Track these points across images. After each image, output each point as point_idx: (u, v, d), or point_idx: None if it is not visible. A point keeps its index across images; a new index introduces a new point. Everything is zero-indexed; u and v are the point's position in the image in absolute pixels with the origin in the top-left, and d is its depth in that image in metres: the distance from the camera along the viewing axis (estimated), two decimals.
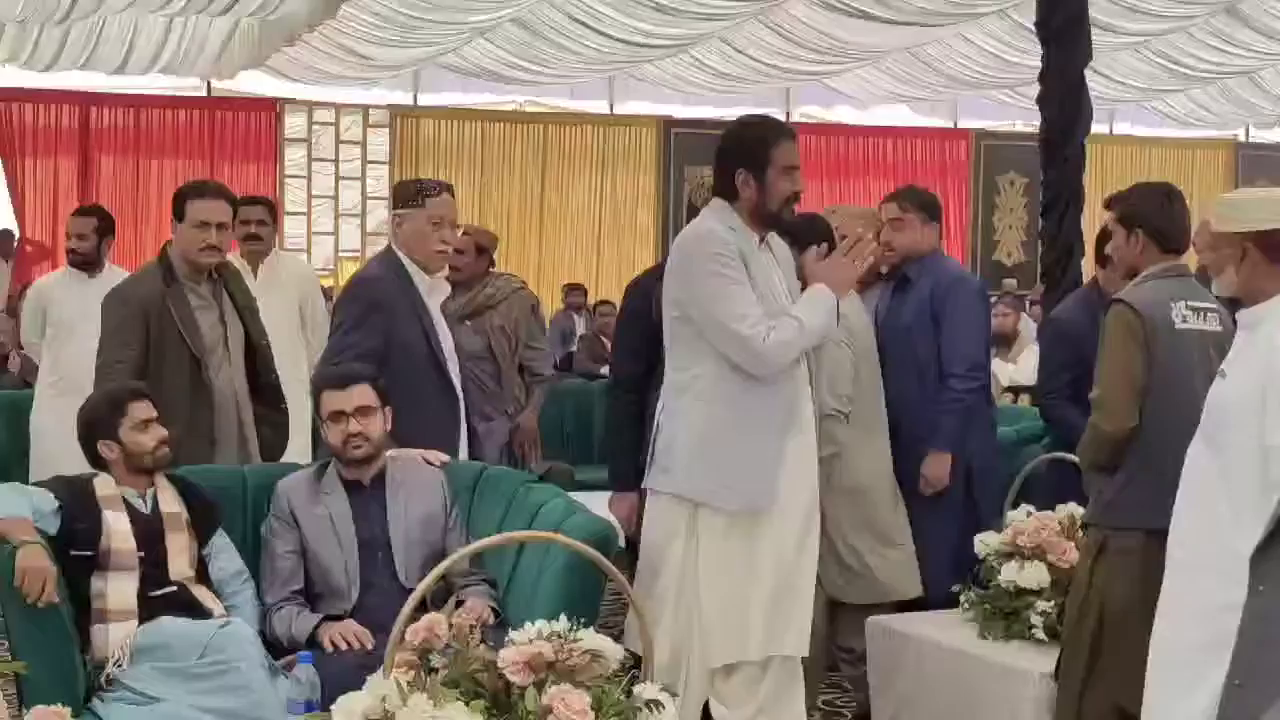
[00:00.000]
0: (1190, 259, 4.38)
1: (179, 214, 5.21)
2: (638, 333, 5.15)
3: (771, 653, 4.36)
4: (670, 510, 4.38)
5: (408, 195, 5.17)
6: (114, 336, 5.10)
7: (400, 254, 5.10)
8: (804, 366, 4.46)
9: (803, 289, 4.47)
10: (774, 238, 4.52)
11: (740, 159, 4.37)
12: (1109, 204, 4.69)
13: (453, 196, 5.22)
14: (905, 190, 5.81)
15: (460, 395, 5.14)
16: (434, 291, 5.15)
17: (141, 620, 4.00)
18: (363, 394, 4.47)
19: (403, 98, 17.28)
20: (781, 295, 4.40)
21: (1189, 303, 4.21)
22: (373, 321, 4.94)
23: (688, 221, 5.28)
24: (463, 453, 5.07)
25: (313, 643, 4.12)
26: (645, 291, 5.14)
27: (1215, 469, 3.66)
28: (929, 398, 5.40)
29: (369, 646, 4.05)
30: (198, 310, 5.14)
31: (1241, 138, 19.49)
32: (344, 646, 4.09)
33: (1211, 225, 3.79)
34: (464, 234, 6.61)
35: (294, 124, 17.12)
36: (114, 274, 6.54)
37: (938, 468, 5.35)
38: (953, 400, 5.37)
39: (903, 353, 5.44)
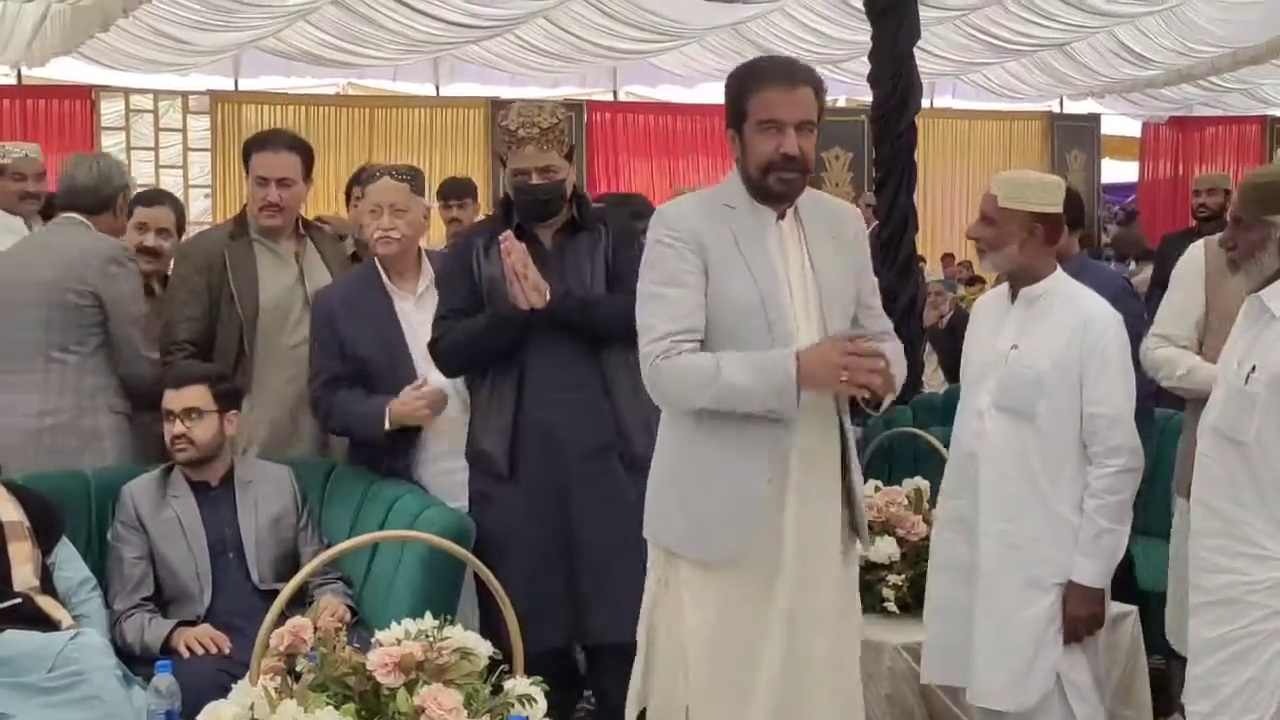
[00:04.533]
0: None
1: (246, 167, 4.90)
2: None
3: None
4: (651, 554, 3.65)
5: (360, 185, 4.81)
6: (175, 294, 4.88)
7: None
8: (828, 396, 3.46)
9: None
10: (826, 211, 3.57)
11: (728, 114, 3.48)
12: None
13: (397, 179, 4.68)
14: None
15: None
16: (403, 283, 4.70)
17: None
18: (193, 395, 4.37)
19: (223, 83, 16.96)
20: (790, 288, 3.45)
21: None
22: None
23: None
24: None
25: (167, 650, 4.04)
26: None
27: (1024, 439, 3.83)
28: None
29: (226, 650, 3.99)
30: (267, 268, 4.84)
31: (1056, 109, 19.96)
32: (200, 651, 4.01)
33: (999, 201, 3.89)
34: (321, 222, 6.49)
35: (110, 111, 16.72)
36: None
37: None
38: None
39: None
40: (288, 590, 2.93)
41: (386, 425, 4.48)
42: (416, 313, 4.62)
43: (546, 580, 4.16)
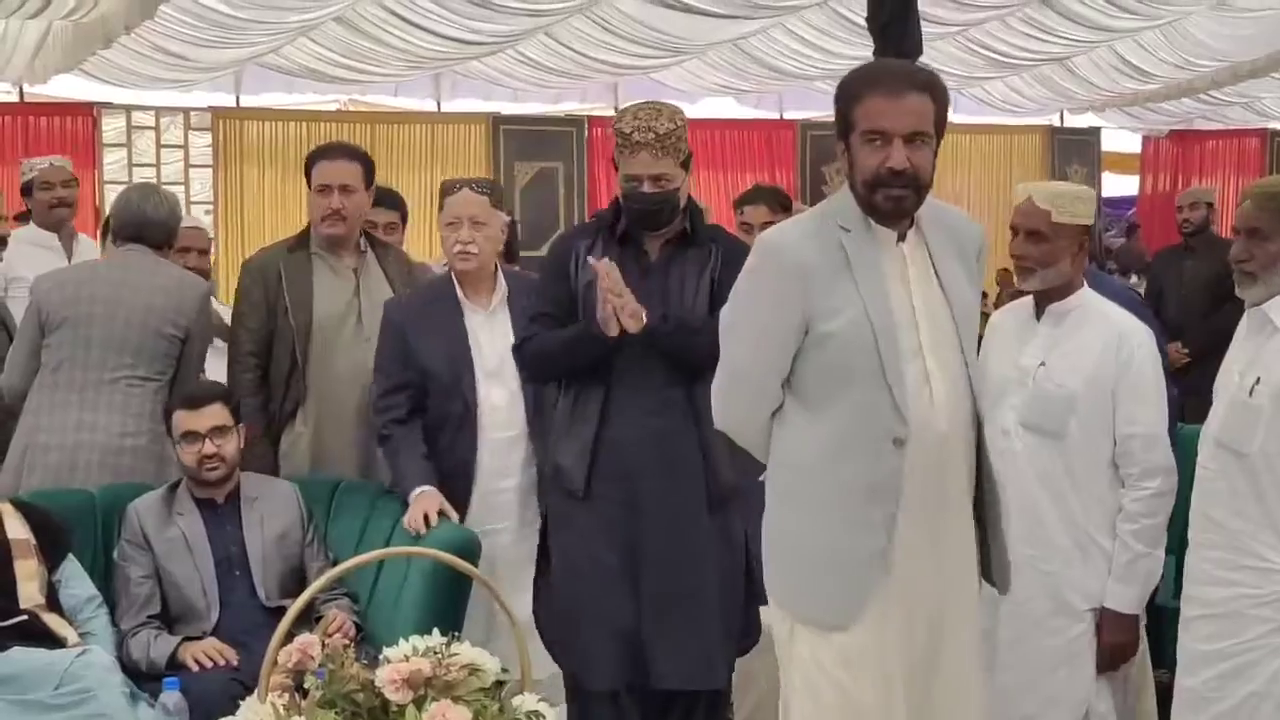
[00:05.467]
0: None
1: (308, 180, 4.90)
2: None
3: None
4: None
5: (440, 197, 4.68)
6: (237, 306, 4.93)
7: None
8: (912, 448, 3.06)
9: None
10: (948, 225, 3.23)
11: (836, 124, 3.16)
12: None
13: (477, 192, 4.60)
14: (769, 191, 5.84)
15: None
16: (476, 297, 4.60)
17: None
18: (216, 414, 4.38)
19: (225, 99, 16.95)
20: (916, 318, 3.11)
21: None
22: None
23: (510, 217, 5.12)
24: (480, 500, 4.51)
25: (173, 665, 4.04)
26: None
27: (1053, 459, 3.74)
28: None
29: (234, 662, 3.99)
30: (323, 281, 4.83)
31: (1056, 123, 19.97)
32: (208, 664, 4.02)
33: (1053, 217, 3.81)
34: None
35: (112, 128, 16.72)
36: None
37: None
38: None
39: None
40: (296, 607, 2.93)
41: (409, 499, 4.39)
42: (486, 328, 4.56)
43: (612, 613, 4.02)
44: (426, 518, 4.28)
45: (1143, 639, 4.49)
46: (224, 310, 5.46)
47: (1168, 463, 3.74)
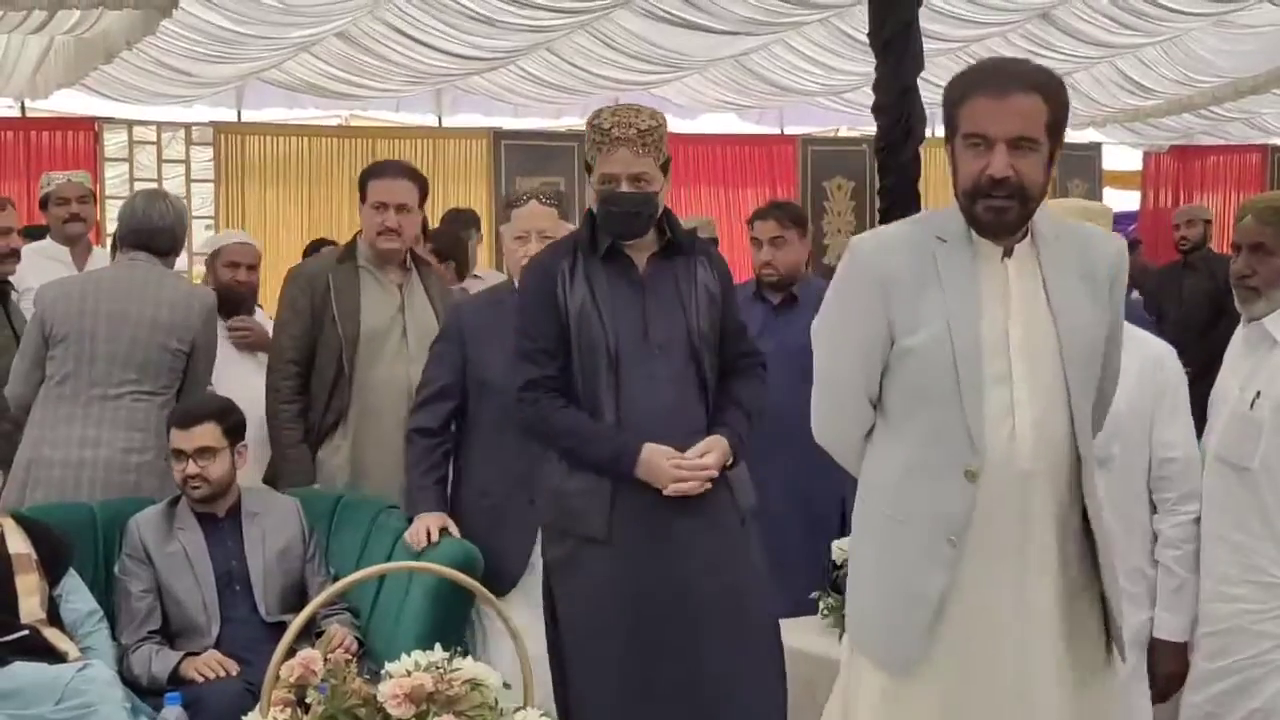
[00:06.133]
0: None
1: (362, 195, 4.92)
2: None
3: None
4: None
5: (504, 209, 4.54)
6: (279, 314, 4.94)
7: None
8: (986, 484, 2.80)
9: None
10: (1076, 241, 2.94)
11: (945, 127, 2.91)
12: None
13: (545, 204, 4.45)
14: (780, 206, 5.77)
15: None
16: None
17: None
18: (205, 434, 4.37)
19: (226, 114, 16.98)
20: (1009, 342, 2.83)
21: None
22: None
23: None
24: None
25: (176, 680, 4.04)
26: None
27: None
28: None
29: (235, 673, 4.00)
30: (371, 294, 4.84)
31: None
32: (211, 676, 4.02)
33: None
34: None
35: (113, 142, 16.74)
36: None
37: None
38: None
39: (795, 375, 5.13)
40: (298, 622, 2.92)
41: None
42: None
43: (664, 675, 3.66)
44: (429, 533, 4.25)
45: None
46: (265, 320, 5.52)
47: (1200, 486, 3.60)
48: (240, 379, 5.21)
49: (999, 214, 2.80)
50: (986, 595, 2.80)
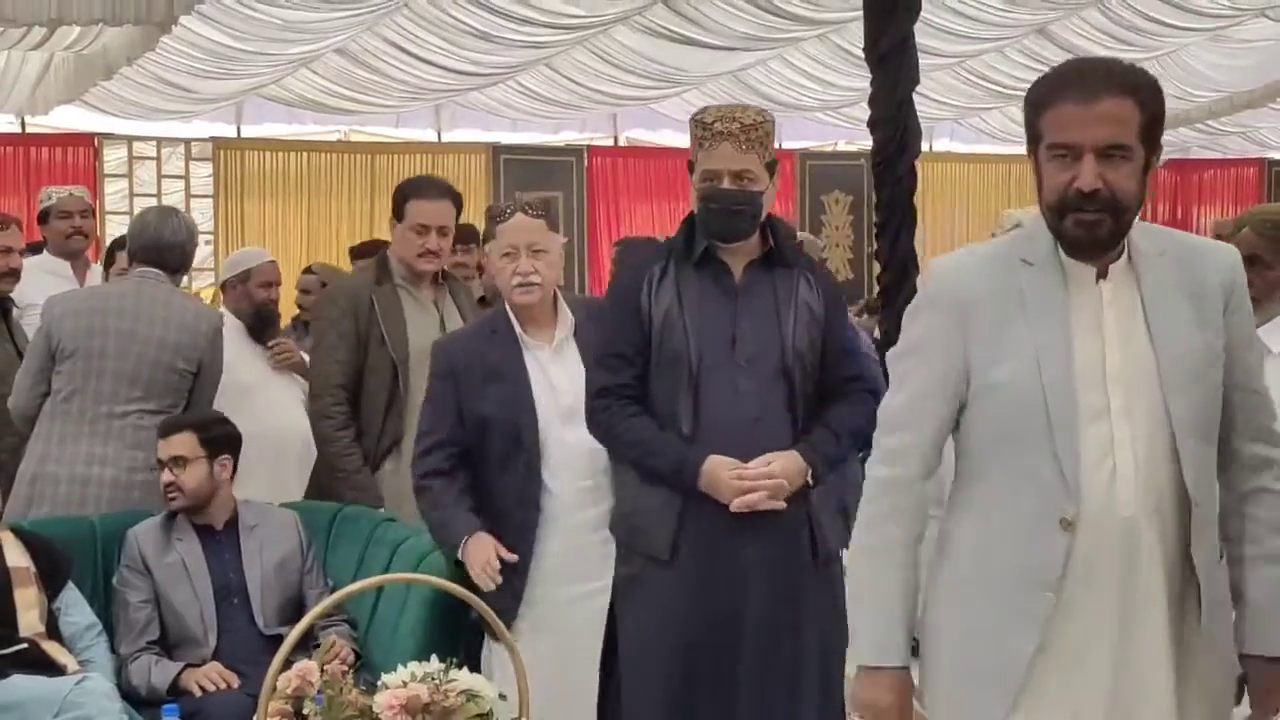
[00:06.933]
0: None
1: (398, 213, 4.84)
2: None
3: None
4: None
5: (488, 224, 4.16)
6: (323, 338, 4.85)
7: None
8: (1084, 532, 2.52)
9: None
10: (1181, 259, 2.65)
11: (1027, 136, 2.65)
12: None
13: (532, 215, 4.05)
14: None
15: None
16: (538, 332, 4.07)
17: None
18: (180, 443, 4.40)
19: (226, 130, 17.02)
20: (1105, 372, 2.56)
21: None
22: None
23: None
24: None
25: (175, 691, 4.05)
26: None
27: None
28: None
29: (235, 686, 4.01)
30: (412, 313, 4.79)
31: None
32: (211, 689, 4.03)
33: None
34: (309, 272, 6.53)
35: (113, 158, 16.78)
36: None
37: None
38: None
39: None
40: (295, 633, 2.93)
41: (458, 553, 3.94)
42: (552, 365, 4.02)
43: (687, 690, 3.52)
44: (488, 564, 3.85)
45: None
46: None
47: None
48: (281, 400, 5.23)
49: (1090, 229, 2.53)
50: (1089, 654, 2.55)
